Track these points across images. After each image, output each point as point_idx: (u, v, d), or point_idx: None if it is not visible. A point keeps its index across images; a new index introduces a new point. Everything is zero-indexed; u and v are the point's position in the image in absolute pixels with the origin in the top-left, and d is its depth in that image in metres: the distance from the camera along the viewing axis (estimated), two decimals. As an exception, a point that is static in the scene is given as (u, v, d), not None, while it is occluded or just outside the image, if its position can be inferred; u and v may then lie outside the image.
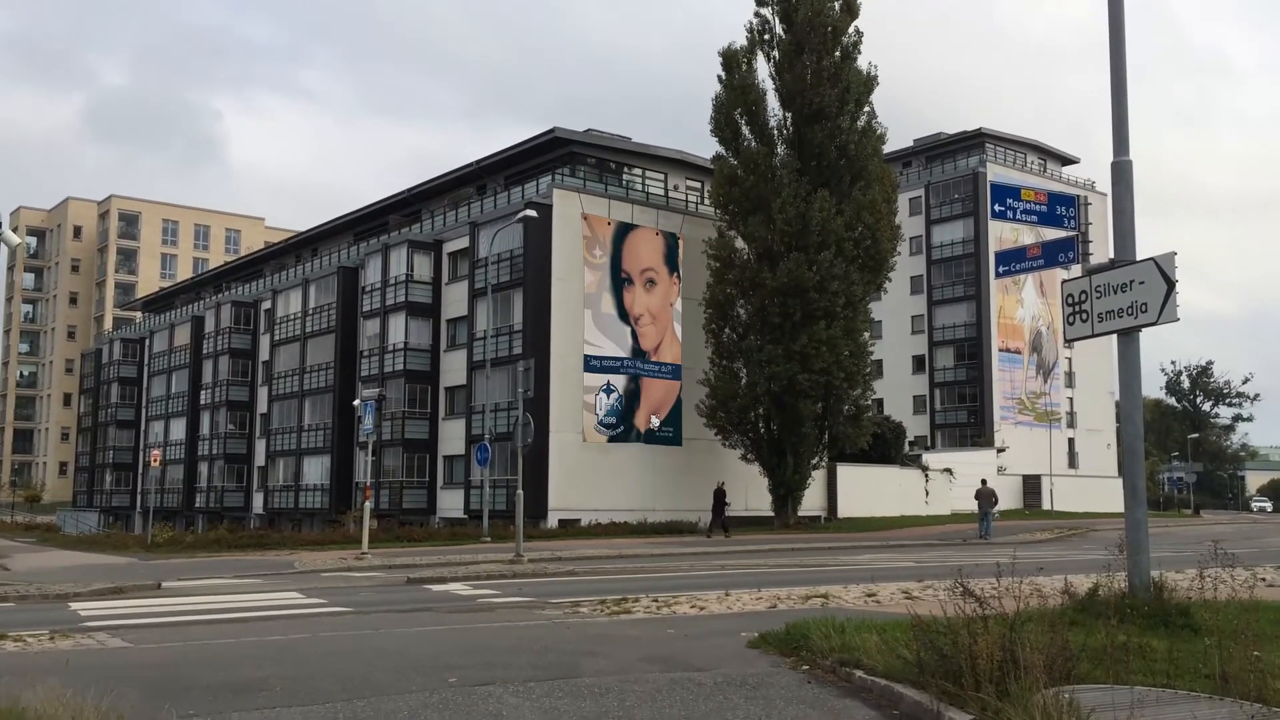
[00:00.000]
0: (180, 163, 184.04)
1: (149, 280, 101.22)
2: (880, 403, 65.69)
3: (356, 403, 32.29)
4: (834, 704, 6.81)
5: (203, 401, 62.69)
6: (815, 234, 37.11)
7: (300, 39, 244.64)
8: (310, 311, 53.65)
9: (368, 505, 26.38)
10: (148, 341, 72.40)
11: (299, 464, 52.84)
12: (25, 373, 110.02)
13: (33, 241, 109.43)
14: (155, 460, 40.41)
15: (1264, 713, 5.54)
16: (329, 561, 23.73)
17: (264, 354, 58.68)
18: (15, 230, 13.63)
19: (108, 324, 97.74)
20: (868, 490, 46.89)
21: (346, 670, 8.21)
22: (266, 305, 58.86)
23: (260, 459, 57.65)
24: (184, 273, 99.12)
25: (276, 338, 56.44)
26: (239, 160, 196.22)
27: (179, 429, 64.99)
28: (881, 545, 29.98)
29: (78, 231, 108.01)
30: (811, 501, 42.74)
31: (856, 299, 38.72)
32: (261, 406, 58.40)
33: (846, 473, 46.10)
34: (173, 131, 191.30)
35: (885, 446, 49.85)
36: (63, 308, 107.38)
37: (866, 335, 41.01)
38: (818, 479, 42.83)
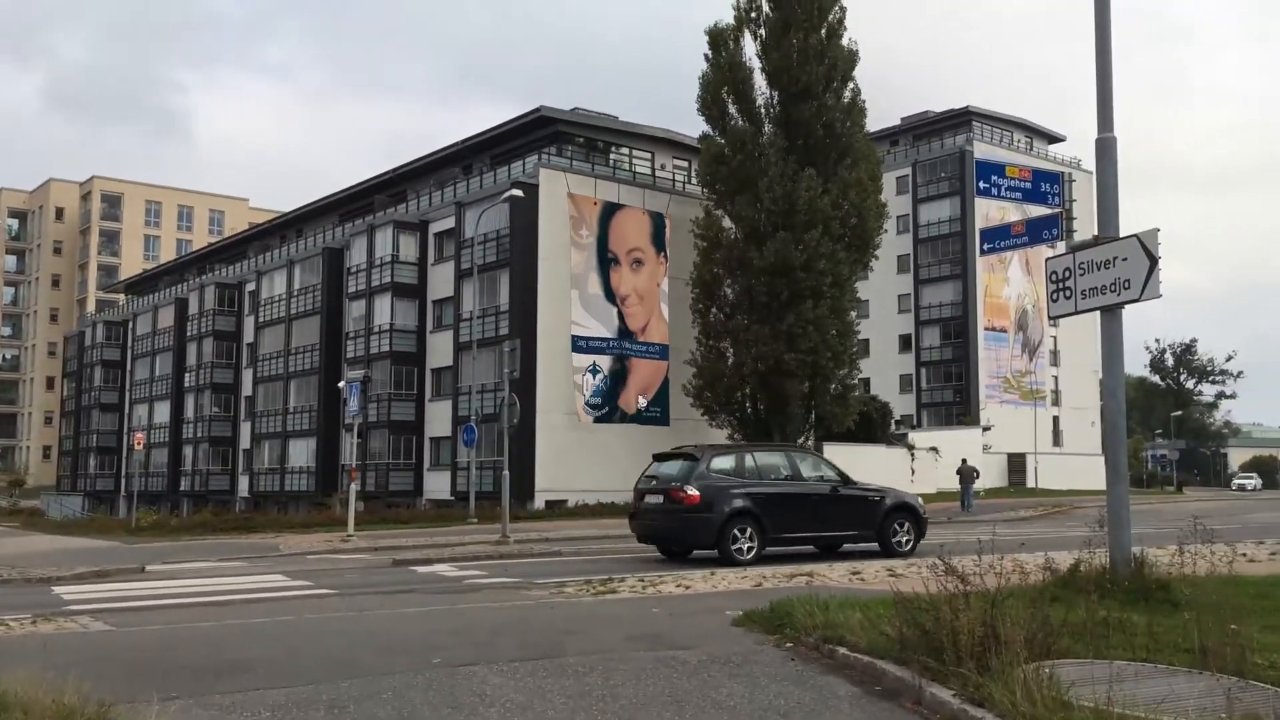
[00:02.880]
0: (147, 139, 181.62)
1: (132, 262, 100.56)
2: (867, 382, 65.83)
3: (341, 384, 32.19)
4: (816, 680, 6.83)
5: (187, 384, 62.43)
6: (802, 213, 37.06)
7: (263, 12, 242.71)
8: (295, 293, 53.41)
9: (353, 487, 26.34)
10: (131, 324, 72.02)
11: (284, 446, 52.74)
12: (7, 356, 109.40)
13: (14, 224, 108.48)
14: (139, 443, 40.26)
15: (1241, 685, 5.58)
16: (314, 544, 23.70)
17: (249, 336, 58.44)
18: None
19: (90, 306, 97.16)
20: (854, 469, 46.63)
21: (331, 651, 8.19)
22: (251, 287, 58.58)
23: (245, 442, 57.51)
24: (167, 254, 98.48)
25: (261, 319, 56.20)
26: (207, 137, 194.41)
27: (163, 412, 64.76)
28: (867, 523, 30.00)
29: (60, 213, 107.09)
30: (798, 481, 42.85)
31: (843, 278, 38.72)
32: (246, 389, 58.20)
33: (833, 452, 46.04)
34: (137, 107, 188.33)
35: (871, 426, 49.99)
36: (45, 290, 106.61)
37: (853, 314, 41.05)
38: (804, 458, 42.90)
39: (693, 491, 15.94)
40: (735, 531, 15.87)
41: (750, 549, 15.95)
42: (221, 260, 69.20)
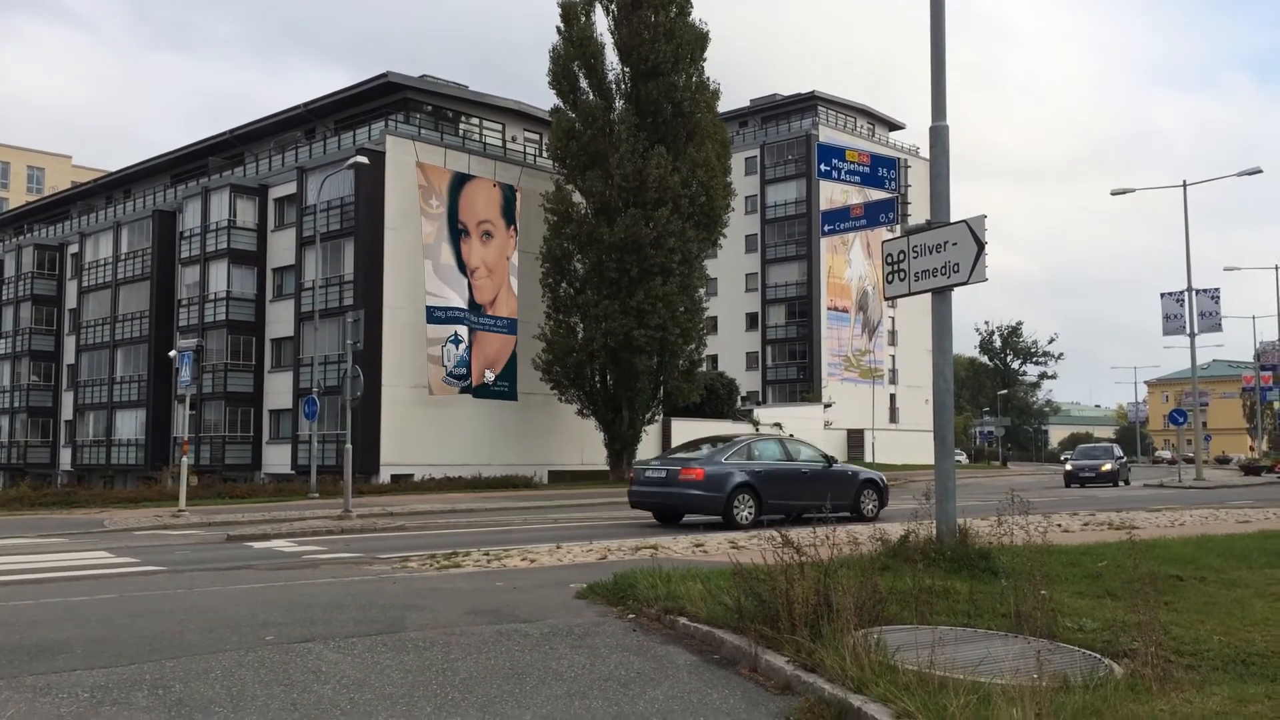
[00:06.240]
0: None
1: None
2: (715, 359, 67.07)
3: (173, 353, 30.74)
4: (657, 650, 6.94)
5: (2, 351, 58.52)
6: (652, 190, 37.32)
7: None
8: (123, 257, 50.67)
9: (185, 460, 25.23)
10: (-62, 286, 66.92)
11: (111, 417, 50.11)
12: None
13: None
14: (-53, 414, 37.49)
15: (1051, 648, 5.94)
16: (143, 519, 22.64)
17: (71, 301, 55.16)
18: None
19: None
20: (700, 444, 47.82)
21: (156, 630, 7.85)
22: (74, 249, 55.24)
23: (68, 412, 54.40)
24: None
25: (85, 284, 53.14)
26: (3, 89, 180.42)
27: (-25, 380, 60.52)
28: (711, 497, 30.62)
29: None
30: (646, 455, 43.35)
31: (692, 256, 39.24)
32: (69, 357, 54.98)
33: (680, 427, 46.97)
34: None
35: (718, 401, 51.04)
36: None
37: (701, 292, 41.67)
38: (652, 433, 43.46)
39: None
40: None
41: None
42: (41, 220, 64.96)
